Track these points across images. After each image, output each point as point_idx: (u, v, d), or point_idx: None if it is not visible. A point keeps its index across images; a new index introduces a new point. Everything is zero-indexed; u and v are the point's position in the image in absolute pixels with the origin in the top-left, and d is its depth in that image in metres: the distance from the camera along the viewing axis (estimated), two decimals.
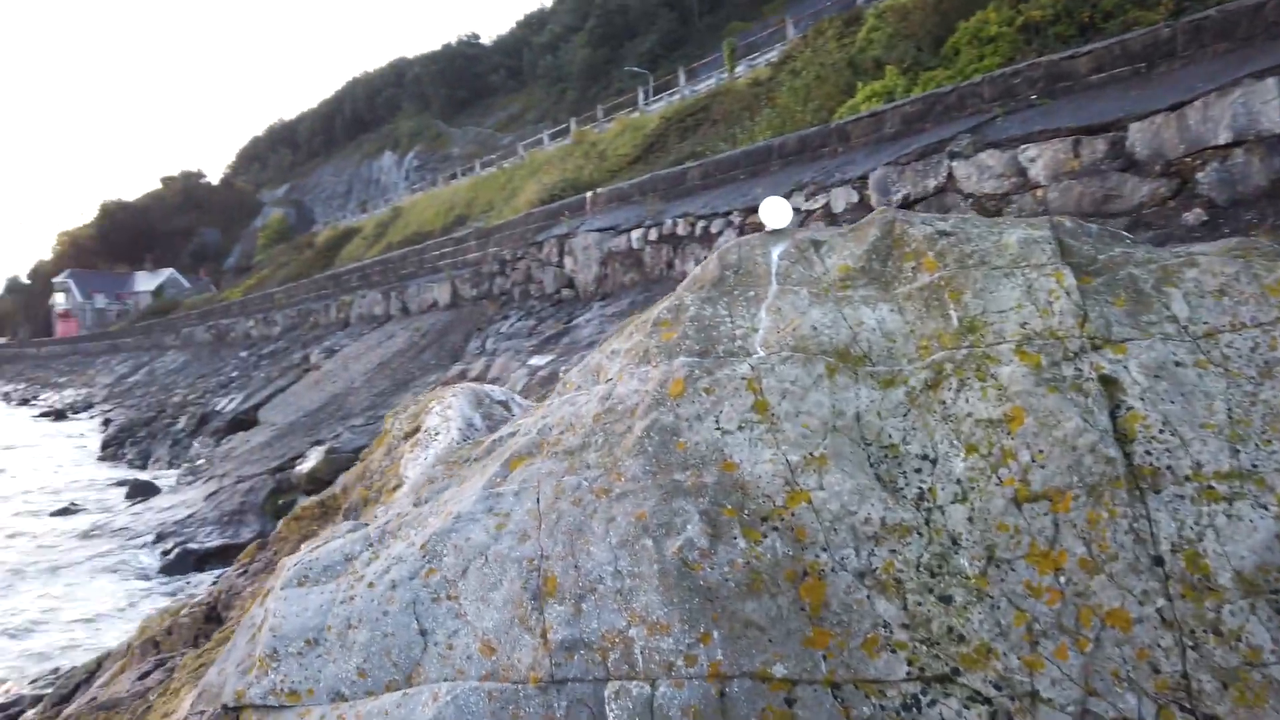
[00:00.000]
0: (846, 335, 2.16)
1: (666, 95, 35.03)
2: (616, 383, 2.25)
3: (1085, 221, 2.43)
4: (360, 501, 3.18)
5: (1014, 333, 2.03)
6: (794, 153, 13.33)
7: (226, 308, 39.88)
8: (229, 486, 15.01)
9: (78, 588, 10.85)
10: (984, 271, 2.15)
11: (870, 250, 2.41)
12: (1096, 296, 2.05)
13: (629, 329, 2.63)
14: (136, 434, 25.31)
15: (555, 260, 16.18)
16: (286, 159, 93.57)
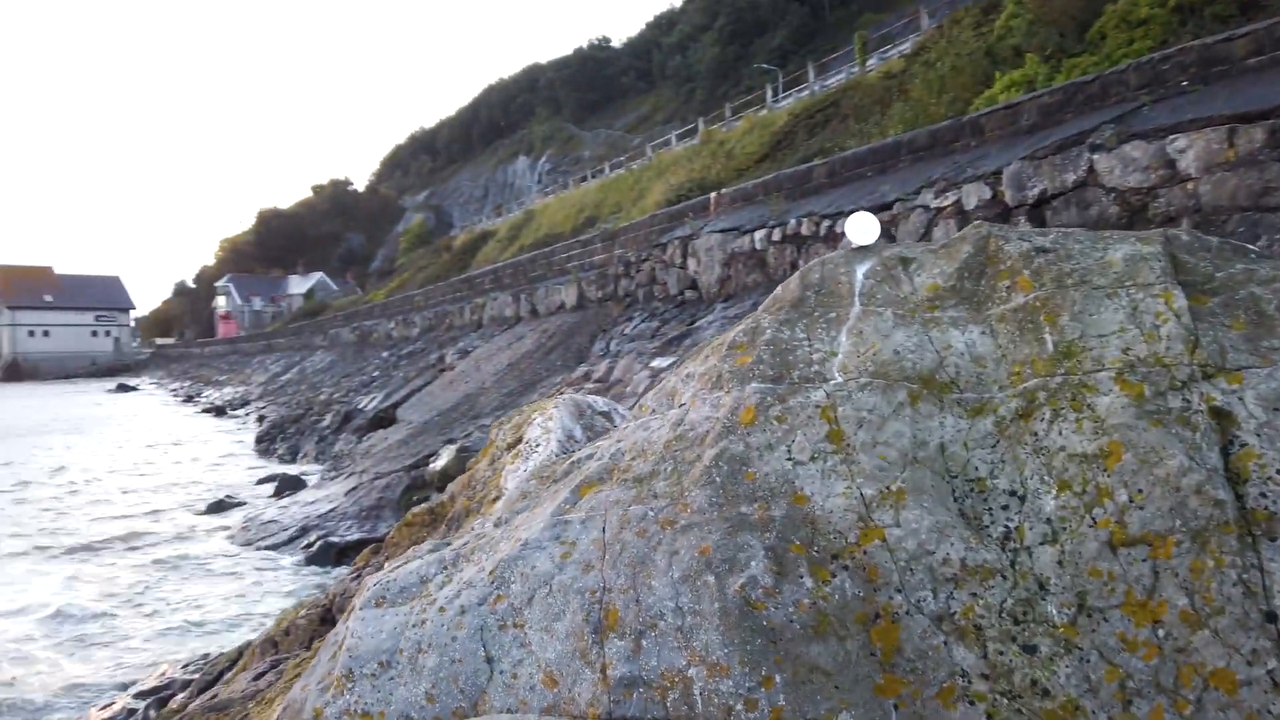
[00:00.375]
0: (932, 360, 2.03)
1: (795, 91, 34.55)
2: (689, 408, 2.20)
3: (1207, 235, 2.21)
4: (463, 512, 3.22)
5: (1115, 359, 1.86)
6: (924, 148, 12.90)
7: (369, 310, 41.66)
8: (367, 483, 15.65)
9: (227, 579, 11.50)
10: (1084, 292, 1.97)
11: (962, 268, 2.26)
12: (1211, 319, 1.85)
13: (705, 351, 2.56)
14: (287, 430, 26.72)
15: (679, 262, 16.17)
16: (426, 165, 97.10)
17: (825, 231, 13.04)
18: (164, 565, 12.20)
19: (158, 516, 16.19)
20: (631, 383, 12.89)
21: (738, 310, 13.60)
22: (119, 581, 11.24)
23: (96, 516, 15.84)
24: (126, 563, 12.32)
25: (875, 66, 26.62)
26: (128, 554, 12.95)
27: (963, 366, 2.00)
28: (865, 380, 2.03)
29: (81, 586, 11.02)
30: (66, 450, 26.07)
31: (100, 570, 11.81)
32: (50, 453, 25.78)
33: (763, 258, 14.19)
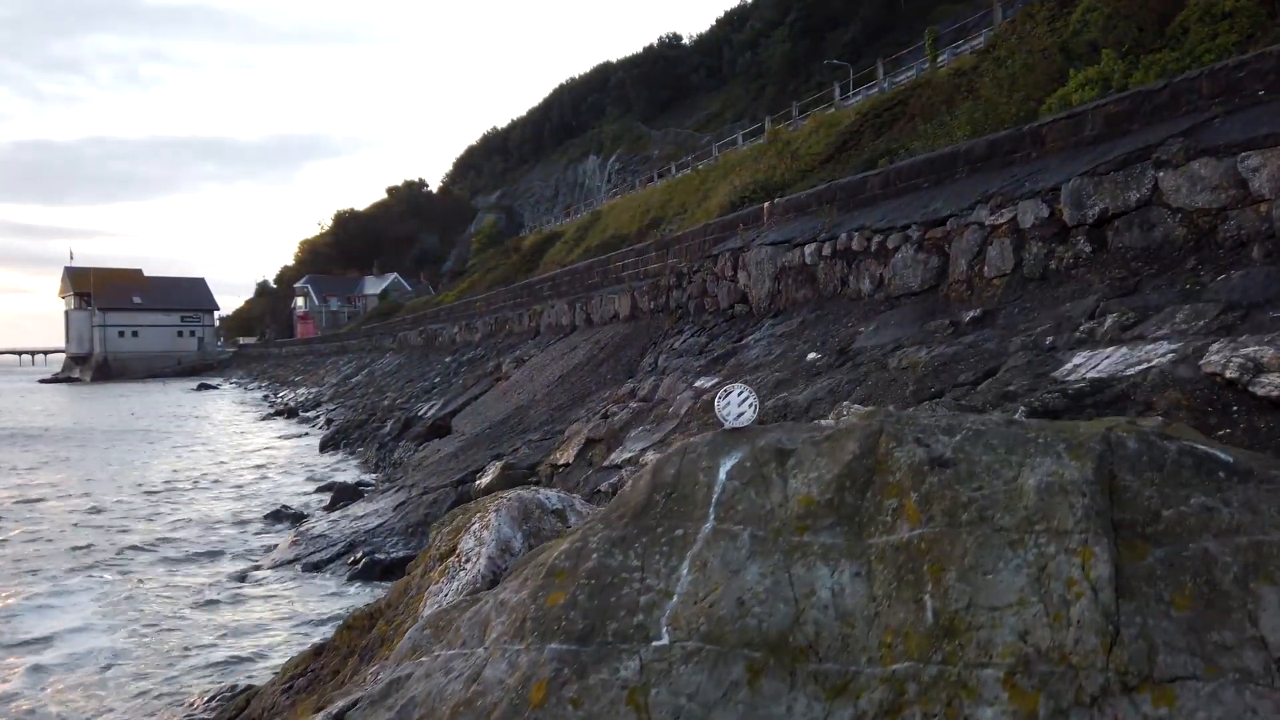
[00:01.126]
0: (787, 615, 1.58)
1: (865, 89, 33.67)
2: (489, 658, 1.82)
3: (1165, 438, 1.67)
4: (378, 639, 2.93)
5: (1007, 649, 1.40)
6: (982, 159, 12.24)
7: (436, 313, 42.03)
8: (415, 498, 15.60)
9: (269, 597, 11.51)
10: (981, 535, 1.52)
11: (845, 475, 1.83)
12: (1144, 591, 1.37)
13: (525, 573, 2.14)
14: (350, 435, 27.03)
15: (729, 274, 15.74)
16: (499, 166, 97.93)
17: (876, 247, 12.48)
18: (209, 582, 12.27)
19: (214, 527, 16.42)
20: (674, 403, 12.53)
21: (785, 328, 13.12)
22: (157, 596, 11.34)
23: (151, 526, 16.11)
24: (172, 576, 12.44)
25: (946, 63, 25.70)
26: (176, 565, 13.10)
27: (825, 625, 1.57)
28: (695, 646, 1.60)
29: (119, 602, 11.14)
30: (137, 454, 26.77)
31: (145, 584, 11.94)
32: (121, 456, 26.50)
33: (812, 273, 13.67)
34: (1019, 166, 11.38)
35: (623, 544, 1.83)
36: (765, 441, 1.99)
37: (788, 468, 1.90)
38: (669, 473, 2.02)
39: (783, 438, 2.01)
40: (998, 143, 12.03)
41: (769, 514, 1.79)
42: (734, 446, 2.02)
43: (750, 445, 2.00)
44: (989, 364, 8.14)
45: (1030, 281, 10.01)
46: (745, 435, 2.08)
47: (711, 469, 1.95)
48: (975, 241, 10.76)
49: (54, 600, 11.54)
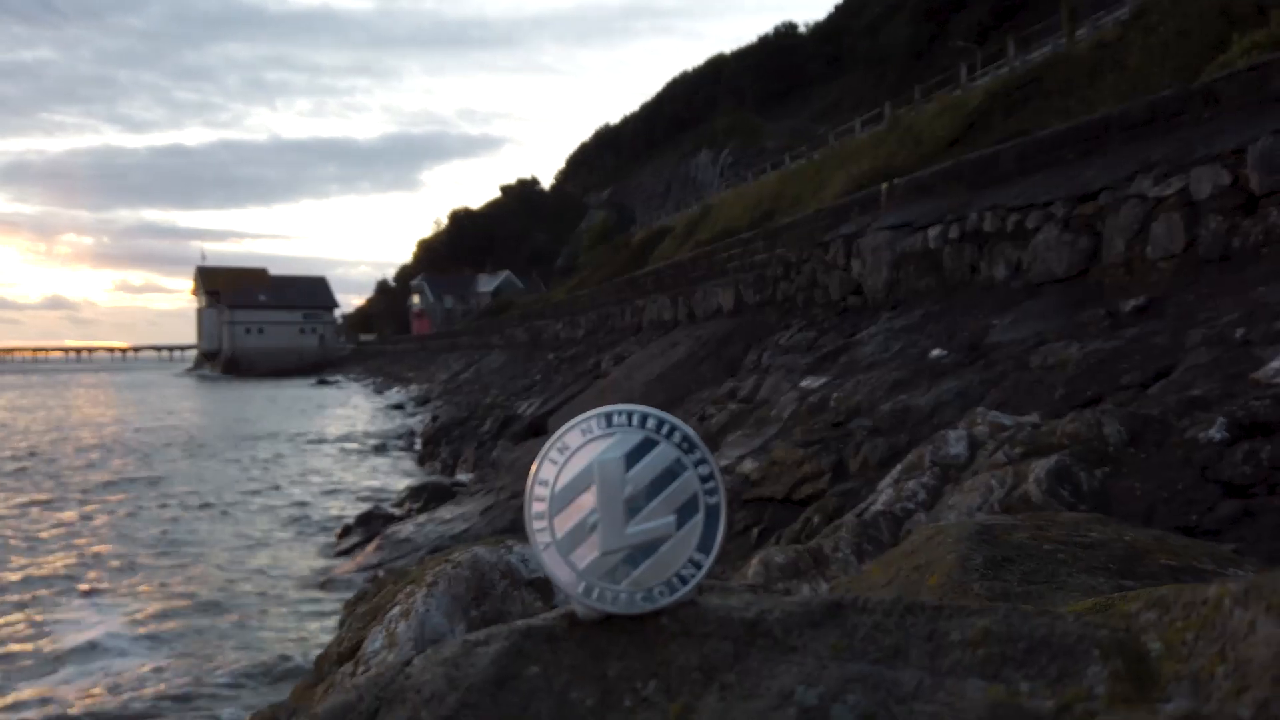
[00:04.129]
0: None
1: (993, 69, 31.44)
2: None
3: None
4: None
5: None
6: (1140, 124, 10.53)
7: (542, 310, 41.63)
8: (503, 502, 14.83)
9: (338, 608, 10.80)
10: None
11: None
12: None
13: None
14: (452, 433, 26.62)
15: (841, 263, 14.32)
16: (611, 162, 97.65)
17: (1013, 227, 10.94)
18: (281, 590, 11.72)
19: (300, 528, 16.03)
20: (777, 404, 11.25)
21: (905, 321, 11.68)
22: (210, 604, 10.77)
23: (242, 527, 15.81)
24: (245, 584, 11.92)
25: (1086, 37, 23.53)
26: (247, 575, 12.60)
27: None
28: None
29: (177, 604, 10.60)
30: (253, 453, 26.97)
31: (208, 588, 11.43)
32: (237, 455, 26.77)
33: (937, 259, 12.17)
34: (1188, 130, 9.69)
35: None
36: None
37: None
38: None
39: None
40: (1160, 104, 10.33)
41: None
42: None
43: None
44: (1160, 362, 6.70)
45: (1207, 263, 8.39)
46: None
47: None
48: (1135, 217, 9.15)
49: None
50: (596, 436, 1.00)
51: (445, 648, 0.96)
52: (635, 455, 0.98)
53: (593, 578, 0.95)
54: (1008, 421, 5.54)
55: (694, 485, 0.97)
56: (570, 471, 0.98)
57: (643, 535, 0.96)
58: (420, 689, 0.90)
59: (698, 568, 0.95)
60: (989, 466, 4.89)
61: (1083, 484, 4.42)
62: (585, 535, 0.96)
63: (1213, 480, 4.32)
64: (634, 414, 1.01)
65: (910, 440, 7.32)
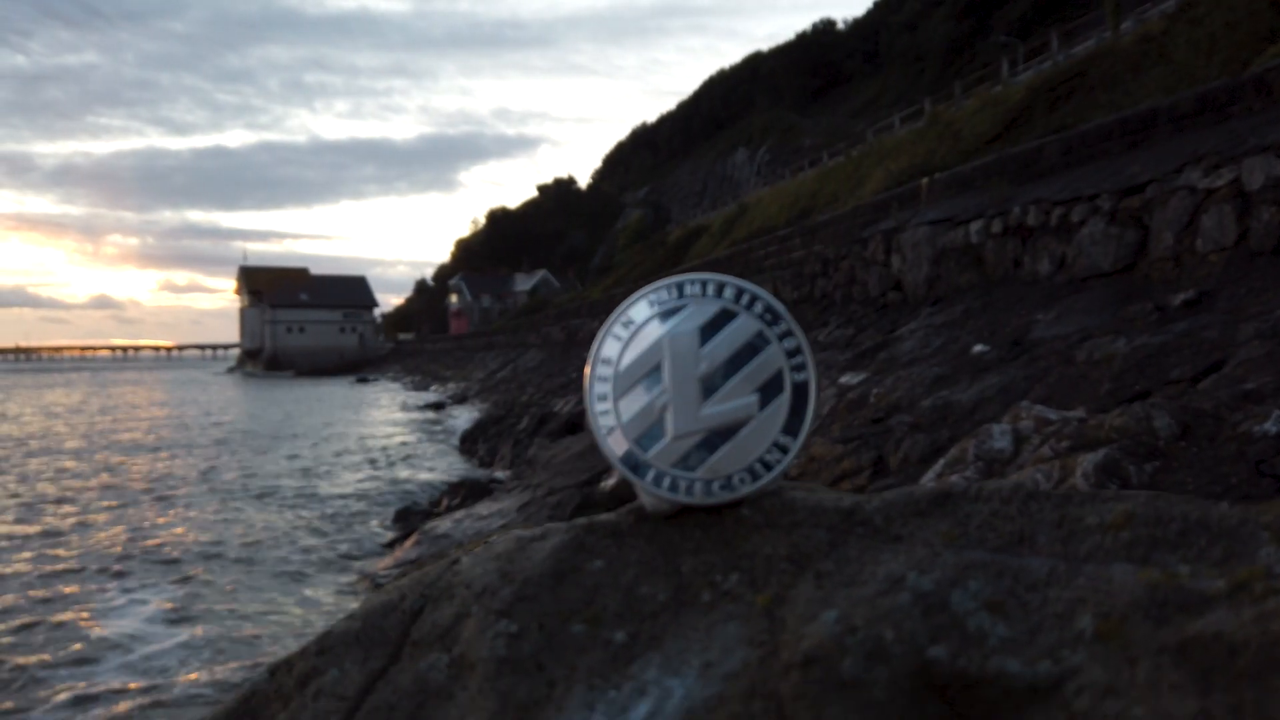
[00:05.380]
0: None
1: (1036, 64, 30.94)
2: None
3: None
4: None
5: None
6: (1189, 115, 10.32)
7: (578, 308, 41.61)
8: (540, 498, 14.81)
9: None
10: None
11: None
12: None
13: None
14: (489, 431, 26.72)
15: (881, 259, 14.15)
16: (647, 161, 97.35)
17: (1057, 221, 10.74)
18: (317, 583, 11.79)
19: (340, 523, 16.14)
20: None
21: (945, 317, 11.52)
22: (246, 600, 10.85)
23: (288, 515, 15.95)
24: (282, 578, 12.01)
25: (1130, 30, 23.09)
26: (285, 568, 12.69)
27: None
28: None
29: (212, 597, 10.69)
30: (297, 448, 27.26)
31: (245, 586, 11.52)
32: (284, 450, 27.08)
33: (978, 253, 11.99)
34: (1238, 121, 9.46)
35: None
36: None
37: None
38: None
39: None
40: (1210, 95, 10.10)
41: None
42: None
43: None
44: (1211, 356, 6.52)
45: (1259, 256, 8.17)
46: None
47: None
48: (1184, 210, 8.94)
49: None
50: (667, 308, 0.89)
51: (496, 544, 0.90)
52: (711, 328, 0.87)
53: (664, 465, 0.84)
54: (1053, 416, 5.43)
55: (779, 361, 0.86)
56: (637, 348, 0.88)
57: (720, 417, 0.85)
58: (470, 584, 0.85)
59: (783, 453, 0.84)
60: (1034, 461, 4.79)
61: (1132, 478, 4.31)
62: (655, 418, 0.85)
63: (1268, 474, 4.19)
64: (709, 282, 0.89)
65: (952, 436, 7.21)
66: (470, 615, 0.80)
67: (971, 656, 0.63)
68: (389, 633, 0.84)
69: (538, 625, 0.76)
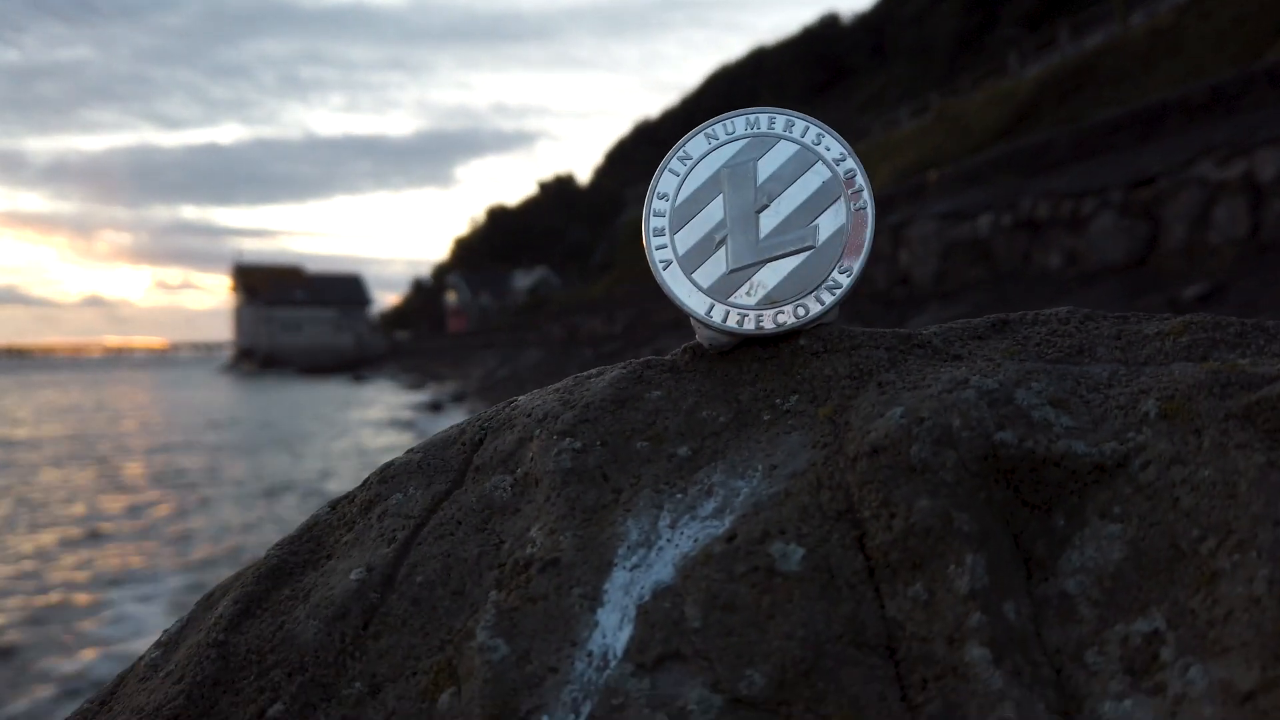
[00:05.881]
0: None
1: (1045, 57, 30.86)
2: None
3: None
4: None
5: None
6: (1201, 107, 10.32)
7: (579, 305, 41.56)
8: None
9: None
10: None
11: None
12: None
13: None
14: None
15: (888, 253, 14.15)
16: (649, 156, 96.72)
17: (1068, 214, 10.74)
18: None
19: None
20: None
21: (955, 311, 11.50)
22: None
23: (290, 518, 15.97)
24: None
25: (1140, 24, 23.03)
26: None
27: None
28: None
29: None
30: (302, 449, 27.24)
31: None
32: (289, 452, 27.10)
33: (988, 247, 11.98)
34: (1250, 113, 9.45)
35: None
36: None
37: None
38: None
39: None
40: (1222, 87, 10.10)
41: None
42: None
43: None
44: None
45: (1271, 248, 8.17)
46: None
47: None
48: (1196, 202, 8.93)
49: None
50: (724, 141, 0.89)
51: (551, 386, 0.92)
52: (769, 160, 0.87)
53: (721, 297, 0.85)
54: None
55: (836, 189, 0.85)
56: (694, 181, 0.88)
57: (779, 248, 0.84)
58: (531, 413, 0.86)
59: (842, 281, 0.85)
60: None
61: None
62: (712, 250, 0.86)
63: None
64: (766, 115, 0.90)
65: None
66: (533, 439, 0.82)
67: (1039, 439, 0.64)
68: (451, 461, 0.86)
69: (600, 442, 0.78)
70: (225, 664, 0.72)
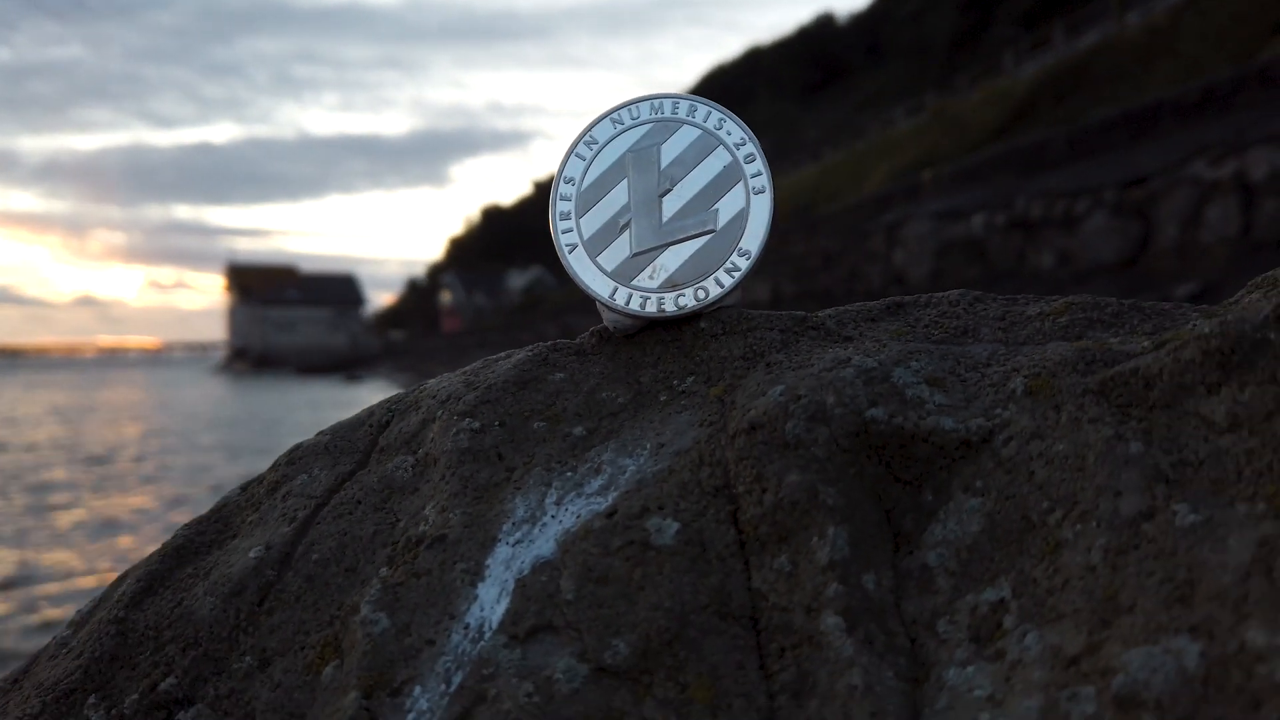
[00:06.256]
0: None
1: (1041, 56, 30.88)
2: None
3: None
4: None
5: None
6: (1193, 106, 10.33)
7: (574, 304, 41.55)
8: None
9: None
10: None
11: None
12: None
13: None
14: None
15: (883, 252, 14.17)
16: None
17: (1062, 214, 10.75)
18: None
19: None
20: None
21: None
22: None
23: None
24: None
25: (1136, 23, 23.04)
26: None
27: None
28: None
29: None
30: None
31: None
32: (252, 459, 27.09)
33: (983, 247, 12.00)
34: (1243, 112, 9.47)
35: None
36: None
37: None
38: None
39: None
40: (1215, 87, 10.12)
41: None
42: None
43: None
44: None
45: (1263, 247, 8.19)
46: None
47: None
48: (1188, 202, 8.95)
49: None
50: (629, 126, 0.90)
51: (461, 369, 0.94)
52: (672, 145, 0.89)
53: (624, 280, 0.86)
54: None
55: (737, 173, 0.87)
56: (600, 165, 0.89)
57: (681, 231, 0.86)
58: (436, 394, 0.88)
59: (741, 265, 0.87)
60: None
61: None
62: (616, 234, 0.88)
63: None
64: (668, 100, 0.91)
65: None
66: (435, 420, 0.84)
67: (908, 416, 0.65)
68: (358, 443, 0.87)
69: (499, 423, 0.80)
70: (124, 640, 0.74)
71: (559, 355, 0.86)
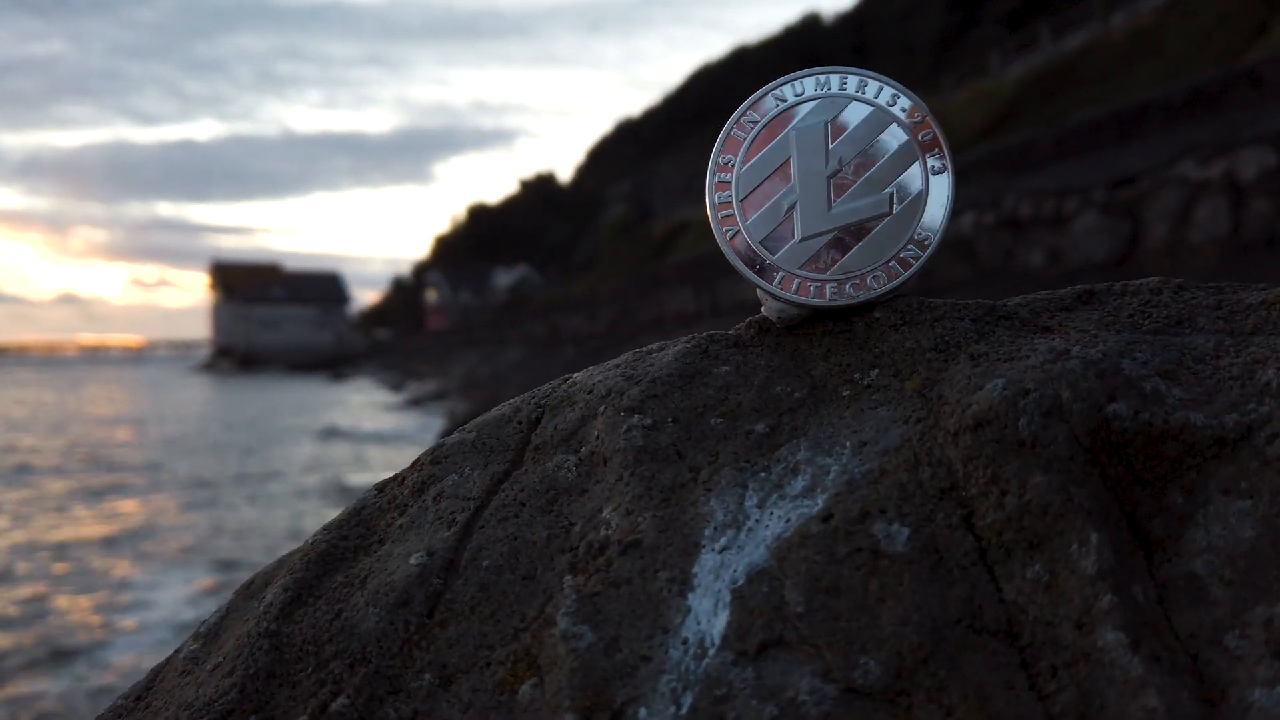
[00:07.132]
0: None
1: (1027, 57, 31.08)
2: None
3: None
4: None
5: None
6: (1182, 106, 10.41)
7: (560, 303, 41.47)
8: None
9: None
10: None
11: None
12: None
13: None
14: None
15: None
16: (631, 155, 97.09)
17: (1050, 213, 10.80)
18: None
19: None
20: None
21: None
22: None
23: (286, 518, 15.83)
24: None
25: (1122, 24, 23.23)
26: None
27: None
28: None
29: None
30: (286, 451, 27.03)
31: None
32: (276, 453, 26.95)
33: (971, 246, 12.03)
34: (1231, 113, 9.54)
35: None
36: None
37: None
38: None
39: None
40: (1203, 87, 10.19)
41: None
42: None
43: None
44: None
45: (1252, 247, 8.24)
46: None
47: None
48: (1177, 201, 9.00)
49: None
50: (793, 103, 0.85)
51: (609, 362, 0.88)
52: (841, 122, 0.83)
53: (791, 267, 0.81)
54: None
55: (914, 153, 0.81)
56: (761, 146, 0.84)
57: (852, 215, 0.80)
58: (592, 389, 0.82)
59: (920, 251, 0.81)
60: None
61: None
62: (780, 219, 0.82)
63: None
64: (835, 75, 0.85)
65: None
66: (596, 416, 0.78)
67: (1154, 411, 0.62)
68: (508, 440, 0.82)
69: (671, 419, 0.75)
70: (279, 655, 0.68)
71: (719, 348, 0.82)
